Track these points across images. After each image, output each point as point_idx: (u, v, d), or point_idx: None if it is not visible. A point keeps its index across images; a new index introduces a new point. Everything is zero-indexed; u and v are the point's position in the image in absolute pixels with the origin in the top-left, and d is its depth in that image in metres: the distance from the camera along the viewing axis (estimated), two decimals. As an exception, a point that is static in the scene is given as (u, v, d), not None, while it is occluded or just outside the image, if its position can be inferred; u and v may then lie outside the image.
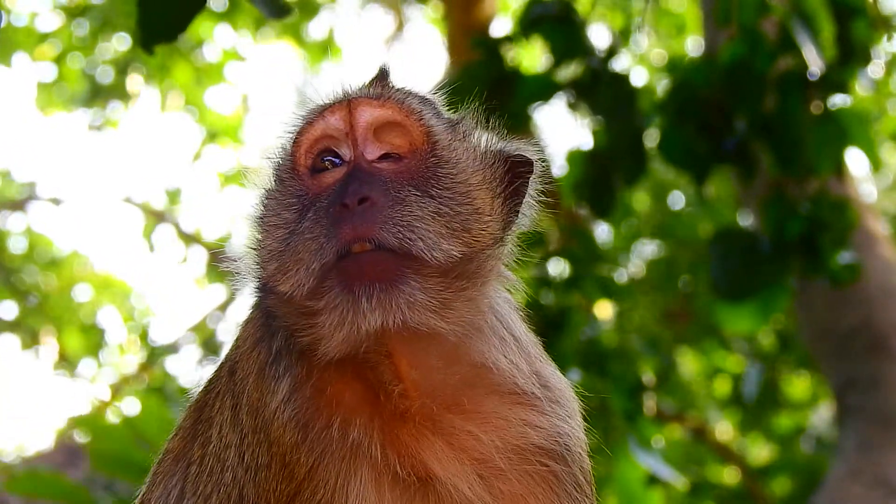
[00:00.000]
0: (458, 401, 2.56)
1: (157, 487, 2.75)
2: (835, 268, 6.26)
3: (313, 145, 2.59)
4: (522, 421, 2.59)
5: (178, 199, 18.06)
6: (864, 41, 6.02)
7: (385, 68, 2.75)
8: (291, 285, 2.44)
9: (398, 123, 2.59)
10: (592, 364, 6.69)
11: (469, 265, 2.51)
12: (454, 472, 2.52)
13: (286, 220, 2.54)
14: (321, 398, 2.49)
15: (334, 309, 2.40)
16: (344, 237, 2.40)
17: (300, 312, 2.46)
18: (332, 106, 2.60)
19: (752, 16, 5.98)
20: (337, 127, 2.57)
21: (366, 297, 2.39)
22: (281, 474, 2.48)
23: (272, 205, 2.59)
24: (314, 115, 2.61)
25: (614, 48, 6.27)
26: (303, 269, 2.43)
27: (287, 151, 2.63)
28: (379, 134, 2.58)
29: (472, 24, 10.95)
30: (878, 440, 7.54)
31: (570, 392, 2.73)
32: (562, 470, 2.60)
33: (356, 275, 2.40)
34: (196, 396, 2.82)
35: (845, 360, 7.95)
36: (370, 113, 2.58)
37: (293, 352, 2.52)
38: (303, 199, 2.54)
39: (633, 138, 6.25)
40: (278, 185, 2.61)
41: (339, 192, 2.46)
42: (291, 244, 2.48)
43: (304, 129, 2.60)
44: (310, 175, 2.57)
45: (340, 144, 2.57)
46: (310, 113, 2.62)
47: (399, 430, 2.51)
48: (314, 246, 2.43)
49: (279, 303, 2.50)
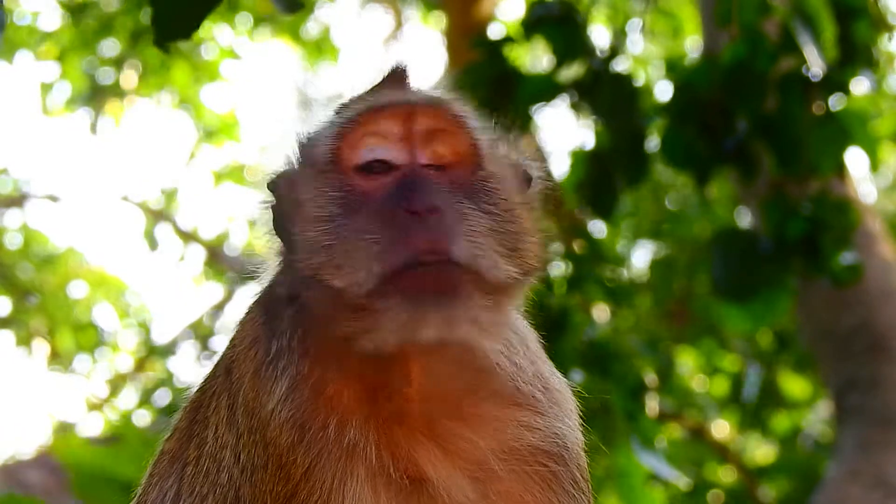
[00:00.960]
0: (457, 406, 2.56)
1: (153, 489, 2.73)
2: (836, 268, 6.27)
3: (362, 143, 2.54)
4: (519, 423, 2.59)
5: (175, 196, 18.08)
6: (866, 42, 6.04)
7: (403, 68, 2.71)
8: (349, 283, 2.40)
9: (450, 132, 2.57)
10: (594, 364, 6.69)
11: (518, 287, 2.54)
12: (447, 476, 2.51)
13: (331, 212, 2.48)
14: (319, 398, 2.48)
15: (396, 315, 2.37)
16: (416, 246, 2.37)
17: (351, 307, 2.42)
18: (390, 108, 2.55)
19: (753, 16, 5.99)
20: (392, 130, 2.53)
21: (432, 309, 2.37)
22: (277, 475, 2.47)
23: (310, 193, 2.53)
24: (368, 113, 2.55)
25: (616, 49, 6.28)
26: (363, 270, 2.39)
27: (329, 143, 2.57)
28: (429, 141, 2.55)
29: (471, 24, 10.96)
30: (877, 441, 7.56)
31: (569, 392, 2.73)
32: (559, 469, 2.60)
33: (424, 286, 2.37)
34: (192, 396, 2.80)
35: (845, 361, 7.97)
36: (427, 120, 2.55)
37: (294, 351, 2.51)
38: (349, 195, 2.49)
39: (635, 139, 6.26)
40: (315, 176, 2.56)
41: (402, 197, 2.43)
42: (343, 240, 2.44)
43: (355, 125, 2.55)
44: (354, 172, 2.52)
45: (391, 147, 2.53)
46: (363, 110, 2.56)
47: (394, 432, 2.51)
48: (376, 248, 2.39)
49: (323, 293, 2.46)
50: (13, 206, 17.32)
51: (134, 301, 18.11)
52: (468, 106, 2.67)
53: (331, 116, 2.66)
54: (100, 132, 16.23)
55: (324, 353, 2.51)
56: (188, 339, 17.15)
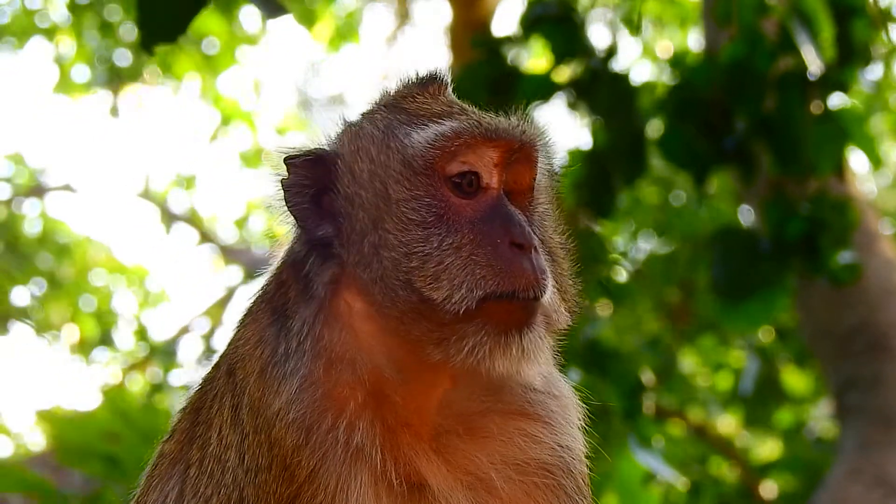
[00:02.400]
0: (463, 426, 2.59)
1: (153, 491, 2.73)
2: (835, 268, 6.26)
3: (462, 159, 2.57)
4: (527, 435, 2.62)
5: (192, 184, 18.11)
6: (864, 41, 6.02)
7: (442, 76, 2.76)
8: (446, 298, 2.46)
9: (530, 166, 2.66)
10: (592, 364, 6.68)
11: (561, 330, 2.63)
12: (448, 487, 2.53)
13: (423, 218, 2.53)
14: (328, 400, 2.49)
15: (481, 341, 2.47)
16: (524, 282, 2.47)
17: (435, 319, 2.48)
18: (503, 139, 2.59)
19: (751, 16, 5.97)
20: (492, 156, 2.58)
21: (516, 343, 2.47)
22: (281, 476, 2.47)
23: (402, 193, 2.56)
24: (479, 134, 2.58)
25: (614, 48, 6.27)
26: (464, 289, 2.46)
27: (425, 149, 2.57)
28: (511, 168, 2.63)
29: (474, 22, 10.96)
30: (878, 440, 7.54)
31: (573, 397, 2.75)
32: (564, 478, 2.63)
33: (516, 319, 2.48)
34: (191, 398, 2.79)
35: (845, 360, 7.95)
36: (523, 155, 2.63)
37: (307, 352, 2.51)
38: (443, 206, 2.54)
39: (633, 138, 6.25)
40: (407, 175, 2.57)
41: (505, 227, 2.51)
42: (443, 253, 2.49)
43: (462, 145, 2.57)
44: (446, 184, 2.56)
45: (484, 169, 2.58)
46: (471, 131, 2.58)
47: (399, 438, 2.52)
48: (479, 272, 2.47)
49: (405, 298, 2.49)
50: (32, 195, 17.38)
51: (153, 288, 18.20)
52: (546, 142, 2.72)
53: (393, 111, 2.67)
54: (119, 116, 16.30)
55: (339, 355, 2.52)
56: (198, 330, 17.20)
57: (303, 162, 2.62)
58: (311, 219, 2.59)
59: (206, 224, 18.37)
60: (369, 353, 2.53)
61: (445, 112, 2.64)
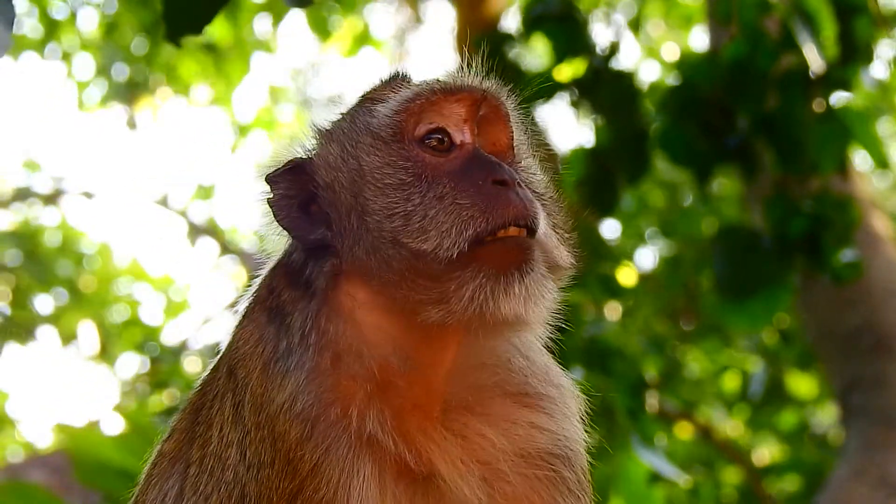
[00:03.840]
0: (472, 401, 2.59)
1: (153, 490, 2.73)
2: (837, 266, 6.26)
3: (426, 118, 2.60)
4: (530, 424, 2.62)
5: (211, 194, 18.15)
6: (866, 39, 6.02)
7: (405, 72, 2.79)
8: (436, 247, 2.45)
9: (501, 122, 2.67)
10: (595, 362, 6.68)
11: (564, 275, 2.61)
12: (458, 472, 2.53)
13: (401, 180, 2.54)
14: (334, 393, 2.49)
15: (481, 284, 2.43)
16: (513, 212, 2.45)
17: (428, 274, 2.47)
18: (464, 91, 2.62)
19: (753, 14, 5.98)
20: (457, 112, 2.61)
21: (517, 282, 2.43)
22: (284, 471, 2.47)
23: (374, 162, 2.58)
24: (439, 91, 2.62)
25: (616, 46, 6.28)
26: (452, 234, 2.45)
27: (391, 115, 2.62)
28: (482, 126, 2.65)
29: (479, 22, 10.96)
30: (881, 440, 7.52)
31: (574, 390, 2.75)
32: (565, 471, 2.63)
33: (512, 258, 2.45)
34: (191, 399, 2.80)
35: (849, 360, 7.93)
36: (488, 108, 2.64)
37: (311, 345, 2.51)
38: (417, 165, 2.55)
39: (636, 136, 6.26)
40: (376, 145, 2.60)
41: (484, 169, 2.51)
42: (426, 206, 2.49)
43: (423, 101, 2.61)
44: (419, 147, 2.58)
45: (453, 127, 2.60)
46: (433, 88, 2.63)
47: (410, 424, 2.52)
48: (466, 213, 2.46)
49: (398, 259, 2.49)
50: (49, 203, 17.43)
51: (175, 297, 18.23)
52: (512, 99, 2.74)
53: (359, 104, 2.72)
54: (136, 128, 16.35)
55: (345, 347, 2.53)
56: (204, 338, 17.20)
57: (282, 175, 2.65)
58: (303, 226, 2.62)
59: (226, 234, 18.41)
60: (375, 344, 2.53)
61: (407, 89, 2.68)
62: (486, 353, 2.61)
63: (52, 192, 17.50)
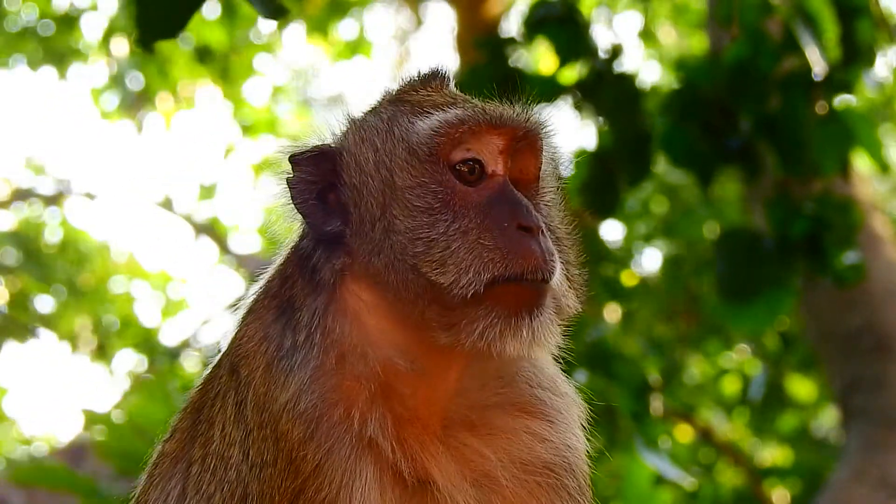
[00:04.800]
0: (474, 419, 2.60)
1: (155, 489, 2.73)
2: (839, 268, 6.25)
3: (466, 147, 2.59)
4: (531, 434, 2.63)
5: (213, 194, 18.14)
6: (868, 41, 6.02)
7: (444, 71, 2.79)
8: (453, 282, 2.48)
9: (535, 154, 2.67)
10: (598, 365, 6.68)
11: (569, 315, 2.64)
12: (454, 482, 2.54)
13: (429, 204, 2.54)
14: (337, 393, 2.49)
15: (491, 324, 2.48)
16: (532, 263, 2.48)
17: (444, 303, 2.50)
18: (507, 125, 2.61)
19: (754, 16, 5.98)
20: (497, 144, 2.60)
21: (527, 326, 2.48)
22: (287, 470, 2.47)
23: (407, 181, 2.58)
24: (481, 120, 2.60)
25: (619, 48, 6.27)
26: (471, 273, 2.48)
27: (430, 136, 2.60)
28: (516, 156, 2.64)
29: (480, 25, 10.97)
30: (882, 441, 7.54)
31: (576, 397, 2.76)
32: (566, 478, 2.64)
33: (525, 301, 2.49)
34: (192, 398, 2.79)
35: (850, 361, 7.95)
36: (527, 142, 2.64)
37: (316, 344, 2.51)
38: (448, 192, 2.55)
39: (638, 139, 6.25)
40: (411, 163, 2.59)
41: (512, 211, 2.52)
42: (450, 238, 2.51)
43: (466, 131, 2.59)
44: (451, 171, 2.58)
45: (488, 157, 2.60)
46: (475, 118, 2.60)
47: (408, 432, 2.53)
48: (487, 255, 2.48)
49: (416, 283, 2.51)
50: (52, 203, 17.43)
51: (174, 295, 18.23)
52: (551, 131, 2.74)
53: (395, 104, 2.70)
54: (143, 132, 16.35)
55: (350, 347, 2.53)
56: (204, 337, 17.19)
57: (307, 159, 2.63)
58: (319, 215, 2.61)
59: (227, 234, 18.39)
60: (380, 346, 2.54)
61: (449, 102, 2.66)
62: (491, 371, 2.63)
63: (55, 193, 17.50)
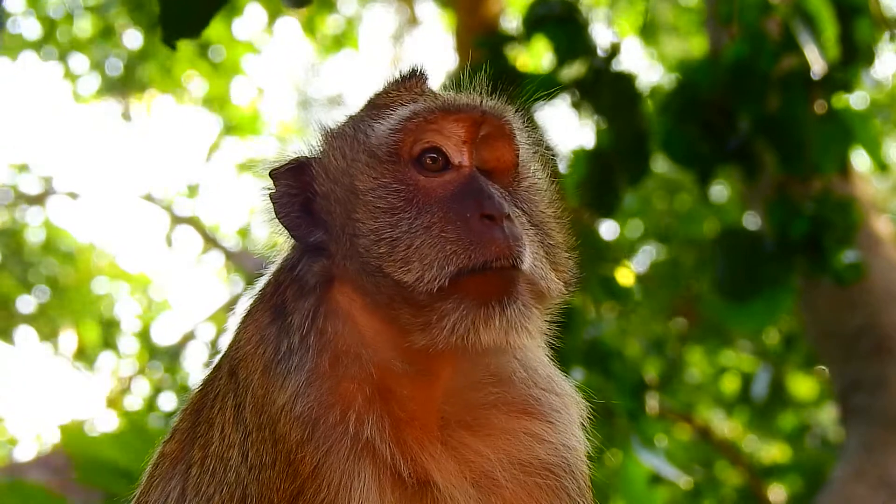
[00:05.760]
0: (470, 420, 2.60)
1: (154, 491, 2.73)
2: (839, 267, 6.25)
3: (424, 138, 2.58)
4: (530, 435, 2.62)
5: (196, 191, 18.15)
6: (868, 41, 6.01)
7: (421, 69, 2.77)
8: (417, 279, 2.45)
9: (502, 141, 2.64)
10: (595, 364, 6.68)
11: (555, 300, 2.61)
12: (454, 483, 2.54)
13: (391, 204, 2.53)
14: (334, 394, 2.49)
15: (461, 316, 2.44)
16: (493, 251, 2.44)
17: (412, 302, 2.47)
18: (463, 111, 2.59)
19: (754, 15, 5.97)
20: (456, 132, 2.58)
21: (498, 314, 2.44)
22: (285, 472, 2.47)
23: (368, 183, 2.57)
24: (437, 111, 2.59)
25: (617, 47, 6.26)
26: (434, 267, 2.45)
27: (390, 134, 2.60)
28: (482, 146, 2.62)
29: (478, 23, 10.95)
30: (882, 441, 7.54)
31: (576, 396, 2.75)
32: (566, 478, 2.63)
33: (491, 290, 2.45)
34: (191, 399, 2.80)
35: (850, 362, 7.95)
36: (489, 127, 2.61)
37: (311, 346, 2.52)
38: (410, 189, 2.54)
39: (637, 138, 6.24)
40: (371, 164, 2.59)
41: (475, 200, 2.49)
42: (411, 235, 2.49)
43: (422, 121, 2.58)
44: (412, 166, 2.57)
45: (451, 147, 2.58)
46: (432, 107, 2.60)
47: (406, 433, 2.52)
48: (450, 248, 2.46)
49: (386, 285, 2.50)
50: (35, 203, 17.43)
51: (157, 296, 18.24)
52: (518, 116, 2.72)
53: (366, 109, 2.70)
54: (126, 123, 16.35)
55: (344, 349, 2.53)
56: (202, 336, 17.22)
57: (286, 172, 2.65)
58: (303, 227, 2.62)
59: (210, 231, 18.42)
60: (374, 348, 2.54)
61: (411, 100, 2.66)
62: (483, 369, 2.62)
63: (39, 192, 17.50)
